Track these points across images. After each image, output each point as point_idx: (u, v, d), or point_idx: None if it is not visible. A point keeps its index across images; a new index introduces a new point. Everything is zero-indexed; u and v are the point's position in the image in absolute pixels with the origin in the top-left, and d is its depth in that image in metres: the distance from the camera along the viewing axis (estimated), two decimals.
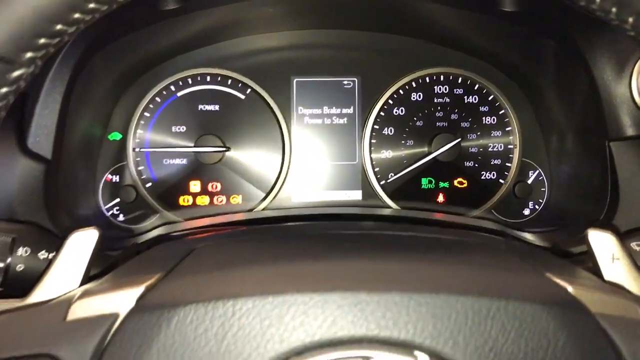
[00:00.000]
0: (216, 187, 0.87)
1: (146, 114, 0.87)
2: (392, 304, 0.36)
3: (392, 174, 0.89)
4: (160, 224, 0.86)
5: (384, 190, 0.89)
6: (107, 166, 0.87)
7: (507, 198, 0.90)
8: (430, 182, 0.89)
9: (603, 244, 0.48)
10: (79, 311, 0.38)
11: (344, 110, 0.89)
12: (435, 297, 0.36)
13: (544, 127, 0.89)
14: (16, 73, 0.38)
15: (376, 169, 0.89)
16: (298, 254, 0.44)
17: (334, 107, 0.89)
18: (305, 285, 0.36)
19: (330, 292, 0.36)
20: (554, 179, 0.89)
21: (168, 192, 0.87)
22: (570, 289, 0.39)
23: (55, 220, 0.69)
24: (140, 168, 0.87)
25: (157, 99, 0.87)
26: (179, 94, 0.87)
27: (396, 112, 0.89)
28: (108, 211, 0.86)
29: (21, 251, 0.56)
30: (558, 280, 0.40)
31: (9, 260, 0.55)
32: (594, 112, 0.73)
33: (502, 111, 0.89)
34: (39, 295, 0.45)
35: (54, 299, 0.43)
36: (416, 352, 0.35)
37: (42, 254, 0.57)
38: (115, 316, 0.37)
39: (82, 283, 0.46)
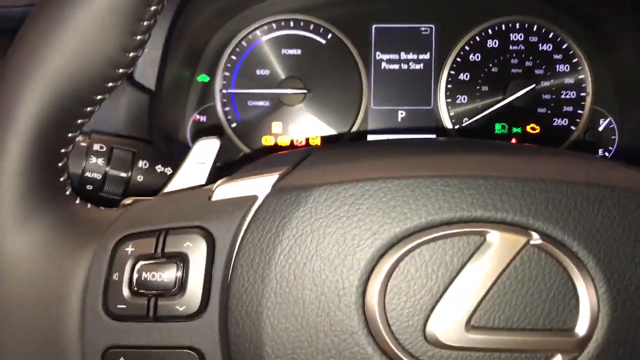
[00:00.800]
0: (297, 129, 0.92)
1: (233, 57, 0.92)
2: (507, 188, 0.40)
3: (467, 119, 0.92)
4: None
5: (458, 134, 0.92)
6: (195, 107, 0.93)
7: (578, 144, 0.92)
8: (503, 127, 0.92)
9: None
10: (221, 194, 0.43)
11: (421, 56, 0.93)
12: (548, 183, 0.40)
13: (616, 75, 0.90)
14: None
15: (451, 114, 0.92)
16: (415, 149, 0.48)
17: (410, 53, 0.93)
18: (427, 171, 0.41)
19: (450, 177, 0.40)
20: (624, 127, 0.91)
21: (252, 133, 0.92)
22: None
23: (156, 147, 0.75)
24: (226, 109, 0.92)
25: (243, 43, 0.92)
26: (264, 38, 0.92)
27: (472, 59, 0.92)
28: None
29: (141, 164, 0.62)
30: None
31: (130, 172, 0.61)
32: None
33: (576, 59, 0.91)
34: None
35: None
36: (530, 232, 0.39)
37: (159, 168, 0.63)
38: (254, 198, 0.42)
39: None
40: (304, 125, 0.92)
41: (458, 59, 0.92)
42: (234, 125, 0.92)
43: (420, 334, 0.38)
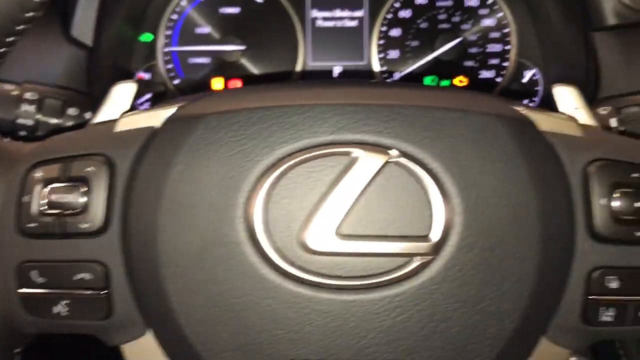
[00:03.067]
0: (236, 84, 0.97)
1: (173, 16, 0.96)
2: (371, 113, 0.45)
3: (398, 73, 0.97)
4: None
5: None
6: (139, 65, 0.97)
7: (504, 96, 0.97)
8: (432, 80, 0.97)
9: (566, 96, 0.56)
10: (124, 126, 0.48)
11: (354, 13, 0.97)
12: (407, 108, 0.45)
13: (539, 28, 0.95)
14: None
15: (383, 68, 0.97)
16: (298, 85, 0.53)
17: (345, 10, 0.97)
18: (302, 101, 0.45)
19: (321, 105, 0.45)
20: (548, 78, 0.96)
21: (194, 89, 0.97)
22: (523, 111, 0.48)
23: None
24: (168, 66, 0.96)
25: (183, 2, 0.96)
26: None
27: (402, 15, 0.96)
28: (141, 106, 0.96)
29: (71, 111, 0.66)
30: (514, 106, 0.48)
31: (61, 119, 0.66)
32: (581, 6, 0.80)
33: (501, 13, 0.96)
34: None
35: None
36: (390, 151, 0.44)
37: (89, 114, 0.67)
38: (152, 128, 0.47)
39: None
40: (244, 81, 0.96)
41: (389, 16, 0.96)
42: (176, 82, 0.97)
43: (296, 241, 0.44)
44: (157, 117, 0.48)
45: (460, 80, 0.97)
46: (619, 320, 0.45)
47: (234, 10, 0.96)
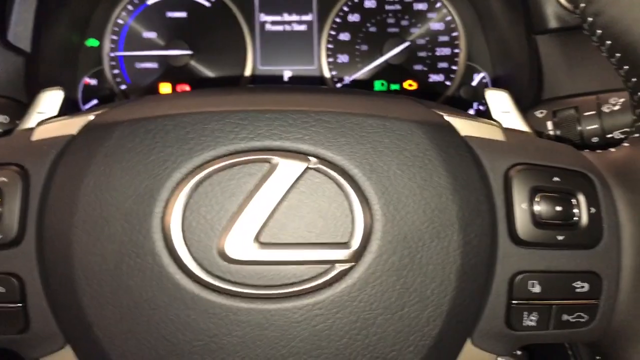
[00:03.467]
0: (184, 89, 0.95)
1: (119, 20, 0.94)
2: (290, 119, 0.44)
3: (347, 77, 0.96)
4: None
5: None
6: (86, 70, 0.95)
7: (453, 99, 0.97)
8: (382, 84, 0.97)
9: (498, 100, 0.56)
10: (41, 134, 0.47)
11: (303, 17, 0.97)
12: (327, 114, 0.44)
13: (486, 31, 0.96)
14: None
15: (333, 73, 0.96)
16: (220, 91, 0.52)
17: (294, 14, 0.97)
18: (220, 107, 0.45)
19: (239, 111, 0.44)
20: (496, 81, 0.97)
21: (140, 94, 0.95)
22: (445, 116, 0.48)
23: None
24: (115, 72, 0.95)
25: (129, 6, 0.94)
26: (149, 1, 0.95)
27: (351, 19, 0.96)
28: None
29: (1, 118, 0.64)
30: (437, 110, 0.48)
31: None
32: (524, 9, 0.81)
33: (449, 17, 0.96)
34: None
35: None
36: (310, 158, 0.43)
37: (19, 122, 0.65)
38: (68, 136, 0.46)
39: None
40: (192, 85, 0.95)
41: (338, 20, 0.96)
42: (123, 87, 0.95)
43: (214, 251, 0.43)
44: (73, 125, 0.46)
45: (409, 84, 0.97)
46: (542, 324, 0.45)
47: (180, 14, 0.95)
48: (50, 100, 0.55)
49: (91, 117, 0.47)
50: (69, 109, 0.92)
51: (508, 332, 0.46)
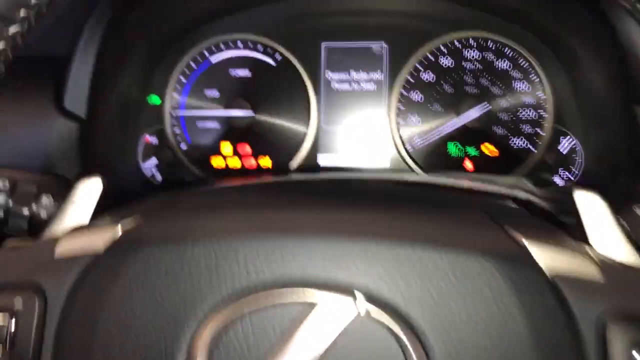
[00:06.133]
0: (246, 149, 0.91)
1: (182, 78, 0.91)
2: (339, 250, 0.37)
3: (420, 141, 0.88)
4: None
5: (410, 157, 0.89)
6: (147, 128, 0.92)
7: (539, 167, 0.87)
8: (458, 149, 0.88)
9: (589, 205, 0.47)
10: (63, 249, 0.42)
11: (373, 76, 0.90)
12: (377, 244, 0.37)
13: (578, 93, 0.86)
14: (12, 30, 0.42)
15: (402, 134, 0.89)
16: (254, 203, 0.46)
17: (362, 72, 0.90)
18: (255, 230, 0.39)
19: (277, 238, 0.38)
20: (588, 148, 0.86)
21: (201, 154, 0.91)
22: (527, 244, 0.39)
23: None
24: (176, 130, 0.91)
25: (192, 64, 0.91)
26: (212, 59, 0.91)
27: (425, 78, 0.88)
28: (147, 171, 0.92)
29: (45, 199, 0.61)
30: (516, 235, 0.40)
31: (33, 207, 0.61)
32: (624, 77, 0.70)
33: (535, 76, 0.87)
34: (47, 234, 0.50)
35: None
36: (356, 293, 0.36)
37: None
38: (90, 256, 0.41)
39: None
40: (254, 146, 0.91)
41: (410, 78, 0.89)
42: (183, 147, 0.91)
43: None
44: (99, 241, 0.42)
45: (488, 148, 0.88)
46: None
47: (244, 72, 0.91)
48: (89, 191, 0.51)
49: (119, 232, 0.42)
50: (127, 167, 0.90)
51: None
